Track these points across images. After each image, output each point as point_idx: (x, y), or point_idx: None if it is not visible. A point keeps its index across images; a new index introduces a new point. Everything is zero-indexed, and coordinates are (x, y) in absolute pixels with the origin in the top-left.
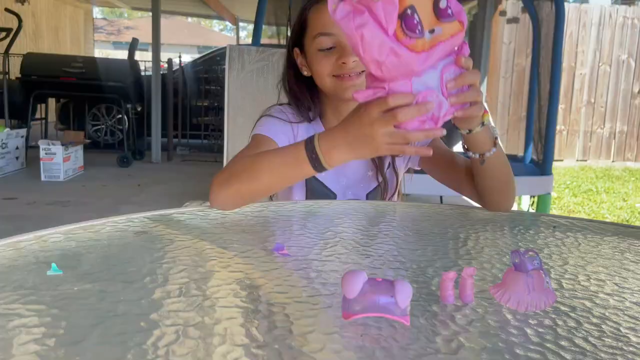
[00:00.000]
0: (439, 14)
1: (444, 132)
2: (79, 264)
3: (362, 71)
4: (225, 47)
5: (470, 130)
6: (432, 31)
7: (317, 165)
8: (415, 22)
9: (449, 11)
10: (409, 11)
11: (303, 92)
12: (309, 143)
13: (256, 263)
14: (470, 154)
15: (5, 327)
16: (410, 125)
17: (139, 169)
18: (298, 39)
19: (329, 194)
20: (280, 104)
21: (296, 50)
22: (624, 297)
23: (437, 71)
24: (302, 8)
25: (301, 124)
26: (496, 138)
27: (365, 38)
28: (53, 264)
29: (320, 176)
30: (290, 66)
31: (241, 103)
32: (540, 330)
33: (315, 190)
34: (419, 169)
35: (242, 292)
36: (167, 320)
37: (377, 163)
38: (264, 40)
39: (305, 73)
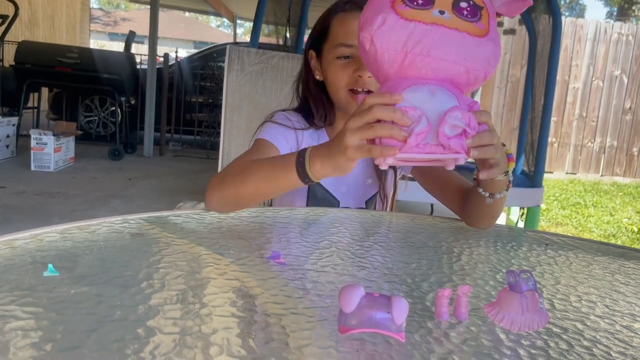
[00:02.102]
0: (456, 9)
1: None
2: (75, 266)
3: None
4: (222, 44)
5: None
6: (442, 12)
7: (303, 174)
8: None
9: (465, 12)
10: None
11: (320, 97)
12: (302, 152)
13: (252, 271)
14: (480, 190)
15: (2, 330)
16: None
17: (130, 163)
18: (316, 43)
19: (333, 201)
20: (284, 110)
21: (312, 52)
22: (614, 320)
23: (437, 99)
24: (327, 12)
25: (306, 131)
26: (510, 181)
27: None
28: (50, 265)
29: (324, 182)
30: (309, 70)
31: (239, 104)
32: (532, 351)
33: (318, 197)
34: (411, 176)
35: (238, 301)
36: (164, 328)
37: (378, 172)
38: (261, 38)
39: (317, 77)
